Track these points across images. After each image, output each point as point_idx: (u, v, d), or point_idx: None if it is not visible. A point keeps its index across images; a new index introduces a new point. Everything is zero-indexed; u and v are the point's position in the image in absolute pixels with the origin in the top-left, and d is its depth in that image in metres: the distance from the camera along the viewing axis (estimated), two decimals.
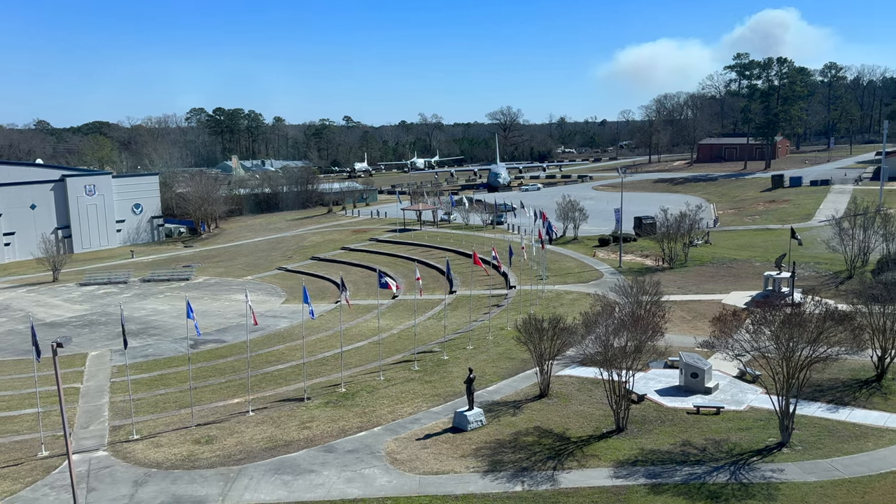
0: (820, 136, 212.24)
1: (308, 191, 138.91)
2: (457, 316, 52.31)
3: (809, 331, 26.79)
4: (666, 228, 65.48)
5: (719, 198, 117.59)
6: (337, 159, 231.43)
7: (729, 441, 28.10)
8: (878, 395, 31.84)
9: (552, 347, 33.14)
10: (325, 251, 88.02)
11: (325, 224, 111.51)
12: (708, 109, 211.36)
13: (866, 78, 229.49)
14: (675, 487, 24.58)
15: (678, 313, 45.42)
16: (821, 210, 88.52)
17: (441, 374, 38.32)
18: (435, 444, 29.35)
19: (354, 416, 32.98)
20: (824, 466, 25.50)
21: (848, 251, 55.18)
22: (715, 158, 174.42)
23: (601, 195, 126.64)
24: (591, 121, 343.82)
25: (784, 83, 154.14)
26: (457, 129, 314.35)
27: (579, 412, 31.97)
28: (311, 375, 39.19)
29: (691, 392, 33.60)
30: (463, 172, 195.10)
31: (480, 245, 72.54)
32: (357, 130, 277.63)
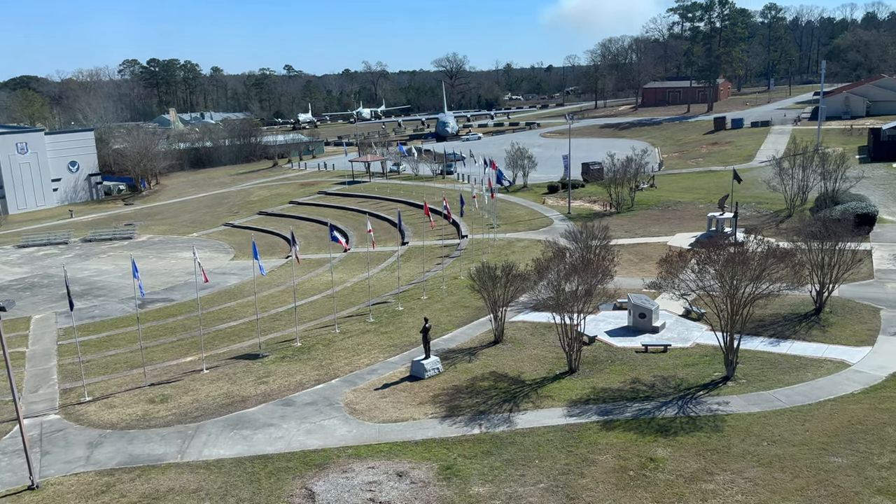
0: (760, 78, 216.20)
1: (251, 144, 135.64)
2: (410, 267, 52.40)
3: (752, 269, 27.68)
4: (613, 174, 66.29)
5: (664, 142, 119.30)
6: (280, 110, 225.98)
7: (676, 377, 29.15)
8: (817, 328, 33.33)
9: (505, 294, 33.58)
10: (272, 206, 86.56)
11: (270, 178, 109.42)
12: (652, 53, 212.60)
13: (804, 18, 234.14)
14: (625, 423, 25.47)
15: (626, 256, 46.40)
16: (762, 151, 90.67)
17: (396, 325, 38.54)
18: (393, 393, 29.68)
19: (311, 369, 33.02)
20: (767, 398, 26.73)
21: (788, 190, 56.84)
22: (659, 102, 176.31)
23: (549, 142, 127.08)
24: (537, 67, 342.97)
25: (725, 25, 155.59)
26: (402, 78, 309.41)
27: (533, 356, 32.67)
28: (265, 331, 38.94)
29: (640, 332, 34.61)
30: (410, 122, 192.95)
31: (431, 195, 72.33)
32: (299, 80, 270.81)
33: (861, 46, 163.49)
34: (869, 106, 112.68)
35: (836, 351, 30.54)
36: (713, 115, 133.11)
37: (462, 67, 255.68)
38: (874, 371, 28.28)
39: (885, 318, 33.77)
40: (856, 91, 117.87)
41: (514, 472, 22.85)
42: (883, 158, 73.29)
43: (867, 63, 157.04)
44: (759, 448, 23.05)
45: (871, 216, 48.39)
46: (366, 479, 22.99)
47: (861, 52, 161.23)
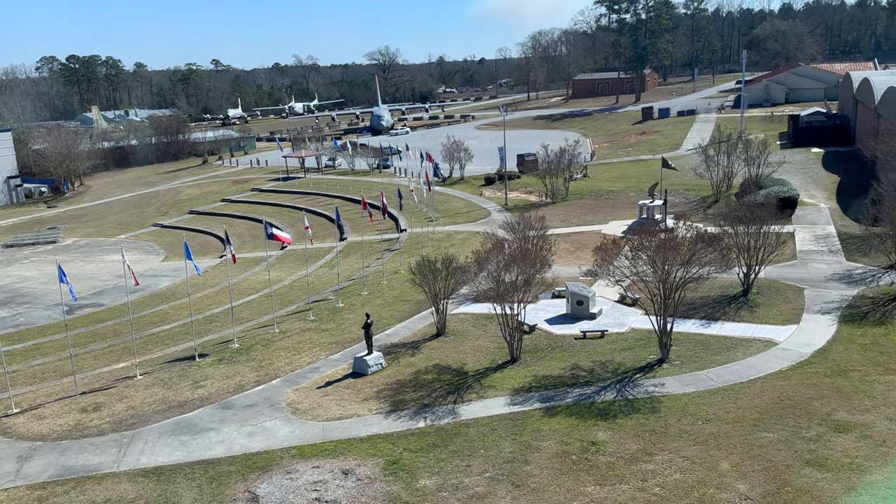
0: (685, 68, 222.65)
1: (179, 141, 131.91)
2: (349, 263, 51.98)
3: (682, 253, 28.53)
4: (547, 164, 67.24)
5: (595, 132, 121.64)
6: (208, 106, 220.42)
7: (614, 361, 29.86)
8: (745, 308, 34.65)
9: (446, 287, 33.68)
10: (203, 204, 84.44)
11: (201, 176, 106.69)
12: (581, 45, 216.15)
13: (725, 9, 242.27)
14: (567, 409, 25.96)
15: (563, 245, 47.17)
16: (688, 139, 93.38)
17: (337, 322, 38.20)
18: (336, 391, 29.43)
19: (250, 370, 32.42)
20: (700, 378, 27.65)
21: (714, 177, 58.77)
22: (589, 93, 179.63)
23: (484, 134, 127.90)
24: (469, 59, 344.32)
25: (651, 17, 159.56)
26: (335, 71, 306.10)
27: (476, 347, 32.91)
28: (200, 333, 38.00)
29: (578, 319, 35.28)
30: (344, 116, 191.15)
31: (368, 190, 71.88)
32: (228, 74, 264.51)
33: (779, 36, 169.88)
34: (788, 93, 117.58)
35: (764, 330, 31.81)
36: (641, 106, 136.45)
37: (395, 60, 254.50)
38: (800, 348, 29.59)
39: (808, 296, 35.37)
40: (775, 79, 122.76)
41: (459, 463, 23.00)
42: (802, 144, 76.57)
43: (785, 52, 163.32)
44: (694, 427, 23.84)
45: (792, 199, 50.52)
46: (311, 479, 22.75)
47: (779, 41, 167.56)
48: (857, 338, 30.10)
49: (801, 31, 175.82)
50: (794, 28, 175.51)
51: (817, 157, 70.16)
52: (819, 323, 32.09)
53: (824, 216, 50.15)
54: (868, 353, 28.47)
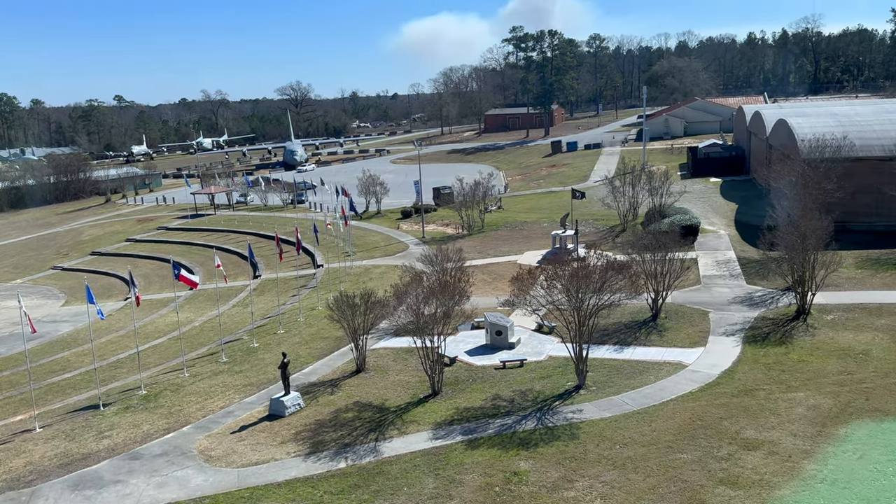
0: (590, 103, 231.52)
1: (80, 180, 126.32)
2: (264, 301, 50.70)
3: (594, 281, 29.33)
4: (462, 197, 68.15)
5: (507, 165, 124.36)
6: (111, 143, 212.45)
7: (533, 390, 30.17)
8: (655, 333, 35.83)
9: (365, 322, 33.29)
10: (106, 244, 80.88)
11: (104, 215, 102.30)
12: (491, 81, 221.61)
13: (625, 48, 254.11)
14: (489, 440, 25.96)
15: (480, 276, 47.64)
16: (595, 171, 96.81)
17: (252, 363, 37.03)
18: (252, 435, 28.40)
19: (159, 417, 30.88)
20: (616, 402, 28.28)
21: (620, 207, 61.02)
22: (501, 128, 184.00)
23: (399, 168, 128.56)
24: (383, 95, 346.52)
25: (556, 55, 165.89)
26: (245, 106, 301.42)
27: (396, 382, 32.56)
28: (105, 381, 36.01)
29: (497, 349, 35.55)
30: (256, 151, 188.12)
31: (283, 226, 70.68)
32: (132, 110, 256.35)
33: (676, 72, 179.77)
34: (686, 126, 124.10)
35: (674, 353, 32.95)
36: (550, 140, 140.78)
37: (307, 95, 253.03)
38: (708, 370, 30.78)
39: (713, 319, 36.95)
40: (674, 113, 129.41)
41: (382, 502, 22.53)
42: (701, 174, 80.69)
43: (682, 87, 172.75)
44: (612, 451, 24.29)
45: (694, 227, 52.95)
46: None
47: (676, 77, 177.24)
48: (761, 358, 31.59)
49: (696, 67, 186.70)
50: (689, 65, 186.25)
51: (716, 186, 73.99)
52: (724, 345, 33.53)
53: (724, 242, 52.76)
54: (771, 372, 29.90)
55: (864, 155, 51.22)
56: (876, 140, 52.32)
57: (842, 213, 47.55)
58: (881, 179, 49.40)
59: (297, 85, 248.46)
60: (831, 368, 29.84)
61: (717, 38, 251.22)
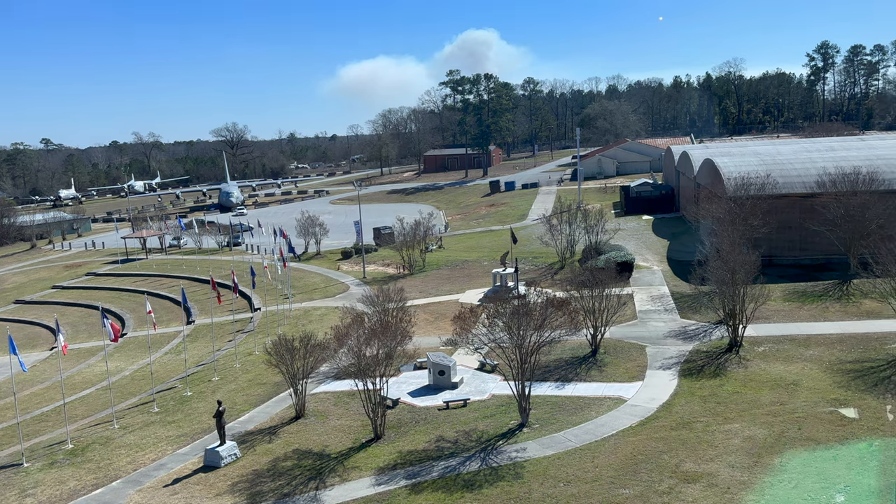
0: (526, 144, 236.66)
1: (3, 225, 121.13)
2: (198, 347, 49.16)
3: (535, 318, 29.58)
4: (403, 237, 68.15)
5: (447, 204, 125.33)
6: (37, 187, 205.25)
7: (477, 430, 29.95)
8: (595, 368, 36.22)
9: (305, 366, 32.58)
10: (31, 292, 77.43)
11: (28, 262, 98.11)
12: (429, 122, 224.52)
13: (559, 91, 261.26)
14: (433, 483, 25.54)
15: (422, 316, 47.43)
16: (533, 210, 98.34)
17: (185, 412, 35.67)
18: (185, 488, 27.20)
19: (87, 473, 29.32)
20: (559, 439, 28.31)
21: (558, 244, 62.07)
22: (440, 168, 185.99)
23: (339, 209, 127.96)
24: (321, 136, 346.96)
25: (492, 97, 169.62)
26: (178, 148, 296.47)
27: (337, 426, 31.85)
28: (28, 436, 34.06)
29: (440, 389, 35.26)
30: (190, 193, 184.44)
31: (218, 269, 69.10)
32: (59, 154, 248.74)
33: (607, 115, 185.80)
34: (619, 166, 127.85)
35: (613, 388, 33.32)
36: (489, 179, 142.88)
37: (244, 137, 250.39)
38: (647, 403, 31.21)
39: (650, 353, 37.63)
40: (606, 154, 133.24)
41: None
42: (633, 212, 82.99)
43: (613, 129, 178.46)
44: (556, 490, 24.20)
45: (629, 263, 54.19)
46: None
47: (608, 119, 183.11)
48: (697, 390, 32.25)
49: (626, 110, 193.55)
50: (619, 107, 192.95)
51: (648, 224, 76.16)
52: (661, 378, 34.12)
53: (658, 278, 54.12)
54: (707, 405, 30.52)
55: (787, 192, 53.69)
56: (797, 178, 54.96)
57: (768, 248, 49.55)
58: (804, 215, 51.76)
59: (232, 126, 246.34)
60: (764, 399, 30.65)
61: (645, 81, 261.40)
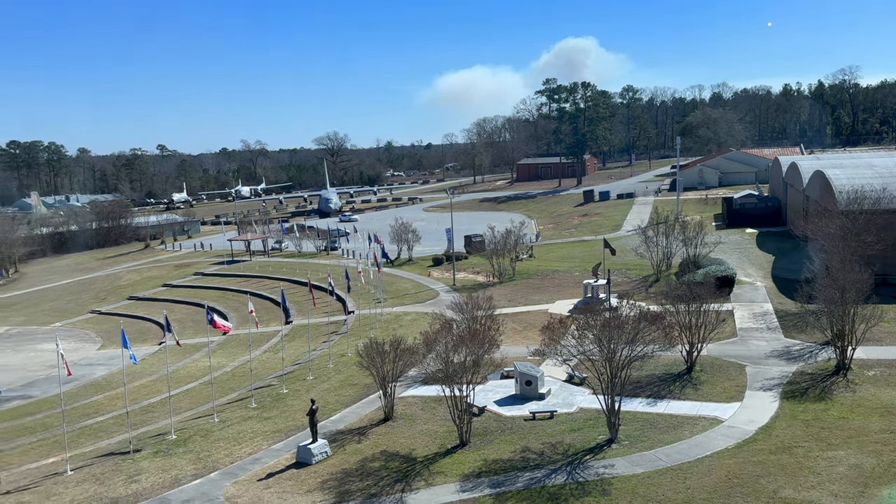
0: (623, 153, 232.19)
1: (121, 226, 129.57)
2: (294, 347, 50.91)
3: (627, 332, 28.91)
4: (494, 245, 68.25)
5: (539, 214, 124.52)
6: (152, 191, 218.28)
7: (564, 443, 29.56)
8: (690, 386, 35.02)
9: (394, 369, 33.17)
10: (144, 289, 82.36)
11: (142, 260, 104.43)
12: (523, 131, 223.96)
13: (659, 99, 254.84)
14: (517, 494, 25.39)
15: (510, 325, 47.31)
16: (628, 220, 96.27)
17: (281, 409, 37.02)
18: (278, 483, 28.22)
19: (188, 463, 30.91)
20: (649, 458, 27.53)
21: (654, 257, 60.45)
22: (533, 177, 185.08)
23: (432, 216, 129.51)
24: (417, 144, 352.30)
25: (589, 106, 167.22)
26: (283, 156, 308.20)
27: (424, 431, 32.20)
28: (136, 425, 36.28)
29: (527, 399, 35.03)
30: (292, 199, 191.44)
31: (315, 272, 71.35)
32: (173, 159, 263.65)
33: (710, 123, 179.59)
34: (721, 177, 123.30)
35: (709, 408, 32.11)
36: (582, 189, 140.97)
37: (344, 145, 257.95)
38: (745, 426, 29.88)
39: (750, 373, 36.02)
40: (708, 164, 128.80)
41: None
42: (736, 225, 79.76)
43: (717, 138, 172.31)
44: None
45: (730, 278, 52.07)
46: None
47: (711, 128, 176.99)
48: (799, 414, 30.61)
49: (730, 118, 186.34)
50: (724, 116, 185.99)
51: (751, 238, 73.00)
52: (762, 399, 32.59)
53: (761, 294, 51.75)
54: (810, 429, 28.92)
55: None
56: None
57: (882, 266, 46.49)
58: None
59: (334, 135, 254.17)
60: (874, 426, 28.75)
61: (752, 89, 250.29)
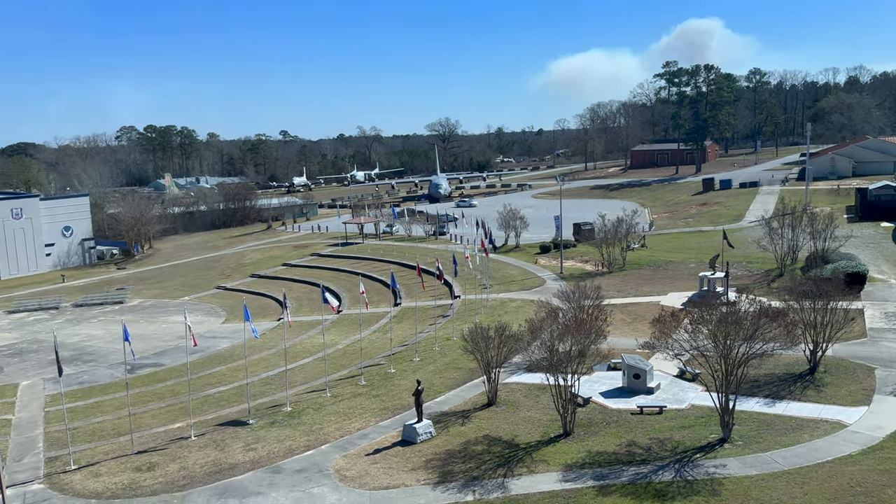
0: (747, 140, 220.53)
1: (246, 207, 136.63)
2: (402, 328, 52.11)
3: (745, 328, 27.64)
4: (604, 234, 66.84)
5: (653, 202, 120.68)
6: (275, 174, 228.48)
7: (672, 439, 28.71)
8: (812, 387, 33.06)
9: (499, 355, 33.32)
10: (265, 268, 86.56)
11: (264, 240, 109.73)
12: (639, 117, 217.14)
13: (788, 82, 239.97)
14: (622, 488, 24.95)
15: (619, 316, 46.30)
16: (750, 211, 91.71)
17: (388, 388, 38.06)
18: (385, 459, 29.09)
19: (301, 434, 32.42)
20: (764, 460, 26.29)
21: (778, 250, 57.27)
22: (648, 164, 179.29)
23: (540, 203, 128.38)
24: (527, 130, 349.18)
25: (711, 89, 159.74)
26: (396, 142, 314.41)
27: (527, 418, 32.20)
28: (254, 396, 38.36)
29: (634, 393, 34.25)
30: (404, 184, 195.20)
31: (424, 256, 72.54)
32: (294, 145, 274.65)
33: (844, 109, 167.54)
34: (855, 166, 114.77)
35: (833, 411, 30.22)
36: (702, 177, 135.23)
37: (455, 131, 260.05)
38: (871, 432, 27.94)
39: (879, 377, 33.56)
40: (841, 152, 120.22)
41: None
42: (870, 218, 74.17)
43: (851, 125, 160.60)
44: None
45: (861, 275, 48.62)
46: None
47: (845, 114, 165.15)
48: None
49: (868, 104, 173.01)
50: (860, 101, 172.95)
51: (887, 232, 67.68)
52: (892, 405, 30.31)
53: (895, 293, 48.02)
54: None
55: None
56: None
57: None
58: None
59: (445, 121, 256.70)
60: None
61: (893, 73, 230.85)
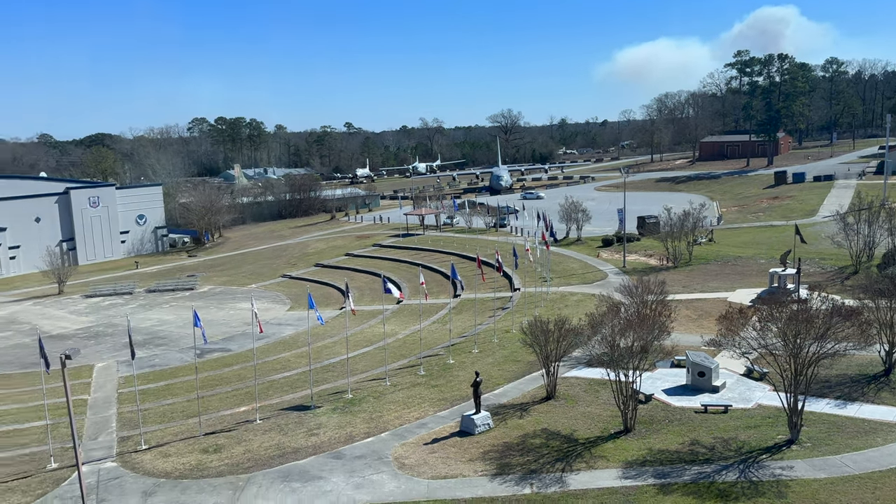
0: (822, 132, 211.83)
1: (311, 198, 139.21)
2: (461, 319, 52.27)
3: (816, 327, 26.67)
4: (669, 227, 65.41)
5: (722, 195, 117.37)
6: (339, 166, 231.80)
7: (737, 439, 28.00)
8: (887, 390, 31.69)
9: (558, 349, 33.09)
10: (328, 257, 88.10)
11: (328, 231, 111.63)
12: (709, 107, 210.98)
13: (868, 72, 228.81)
14: (684, 487, 24.48)
15: (684, 312, 45.31)
16: (824, 206, 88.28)
17: (447, 378, 38.29)
18: (443, 449, 29.31)
19: (361, 421, 32.97)
20: (834, 463, 25.37)
21: (853, 246, 54.99)
22: (717, 156, 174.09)
23: (603, 195, 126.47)
24: (591, 121, 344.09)
25: (785, 79, 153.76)
26: (458, 133, 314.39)
27: (586, 413, 31.90)
28: (317, 382, 39.20)
29: (699, 391, 33.51)
30: (465, 176, 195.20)
31: (484, 248, 72.48)
32: (358, 136, 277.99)
33: None
34: None
35: None
36: (774, 170, 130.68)
37: (517, 123, 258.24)
38: None
39: None
40: None
41: None
42: None
43: None
44: None
45: None
46: None
47: None
48: None
49: None
50: None
51: None
52: None
53: None
54: None
55: None
56: None
57: None
58: None
59: (507, 113, 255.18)
60: None
61: None
